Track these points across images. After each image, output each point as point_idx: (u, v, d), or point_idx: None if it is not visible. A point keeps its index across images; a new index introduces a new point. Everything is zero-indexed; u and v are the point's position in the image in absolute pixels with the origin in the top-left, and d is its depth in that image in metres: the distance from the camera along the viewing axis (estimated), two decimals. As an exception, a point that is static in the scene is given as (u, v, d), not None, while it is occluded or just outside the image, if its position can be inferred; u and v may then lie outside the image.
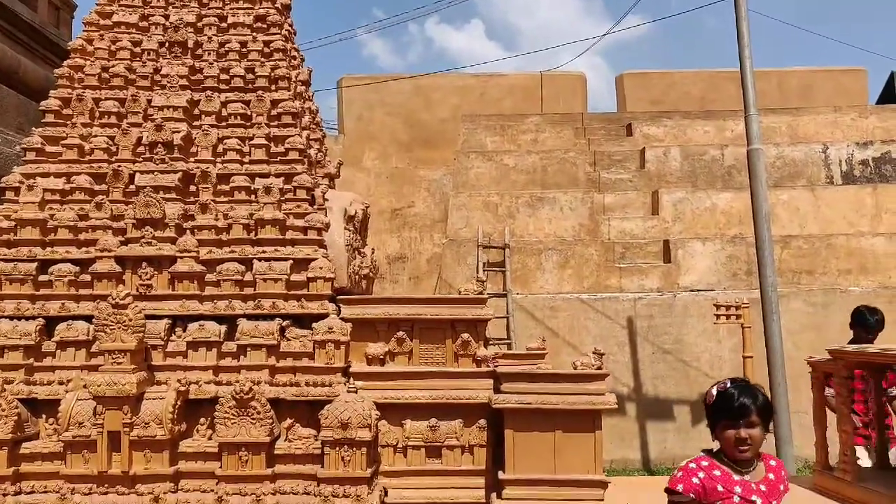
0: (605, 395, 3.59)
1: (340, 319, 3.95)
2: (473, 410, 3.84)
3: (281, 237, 4.08)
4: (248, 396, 3.63)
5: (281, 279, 3.98)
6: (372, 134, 13.00)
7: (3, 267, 3.99)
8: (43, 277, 4.01)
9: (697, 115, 11.40)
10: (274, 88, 4.54)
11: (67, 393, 3.73)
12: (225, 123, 4.46)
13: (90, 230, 4.09)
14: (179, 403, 3.70)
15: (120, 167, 4.22)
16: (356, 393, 3.70)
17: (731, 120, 10.85)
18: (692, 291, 8.83)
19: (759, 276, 7.41)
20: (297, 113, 4.48)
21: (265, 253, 4.04)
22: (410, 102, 13.03)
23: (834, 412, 5.43)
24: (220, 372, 3.89)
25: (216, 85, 4.54)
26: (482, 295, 4.05)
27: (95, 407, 3.60)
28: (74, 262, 4.04)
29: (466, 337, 3.95)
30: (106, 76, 4.51)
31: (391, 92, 13.06)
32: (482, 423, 3.84)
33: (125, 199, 4.18)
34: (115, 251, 4.01)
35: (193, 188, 4.26)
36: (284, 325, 3.96)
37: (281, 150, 4.36)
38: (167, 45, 4.60)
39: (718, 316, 6.21)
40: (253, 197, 4.21)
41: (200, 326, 3.93)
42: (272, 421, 3.69)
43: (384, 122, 13.03)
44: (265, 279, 3.98)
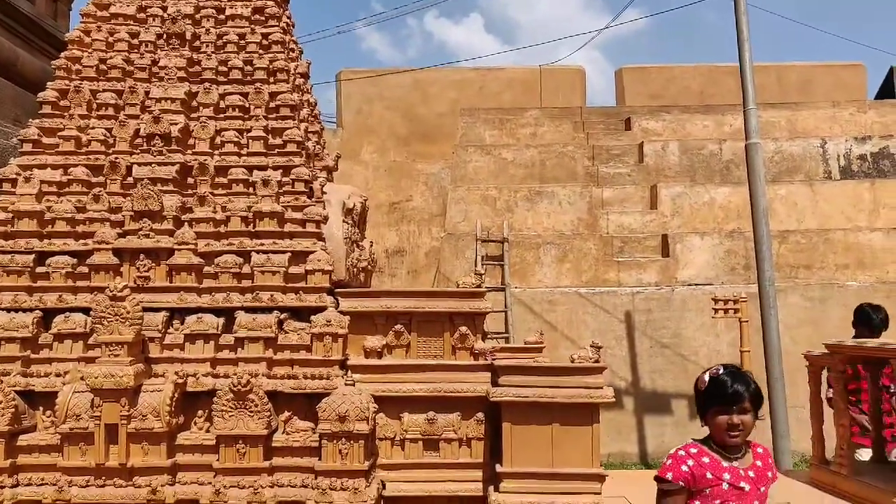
0: (602, 388, 3.59)
1: (338, 312, 3.95)
2: (471, 403, 3.84)
3: (279, 230, 4.07)
4: (245, 389, 3.63)
5: (279, 272, 3.97)
6: (370, 127, 12.98)
7: (0, 259, 3.98)
8: (40, 269, 4.00)
9: (696, 109, 11.39)
10: (272, 81, 4.53)
11: (65, 385, 3.72)
12: (223, 116, 4.44)
13: (88, 222, 4.08)
14: (177, 396, 3.70)
15: (117, 159, 4.21)
16: (354, 386, 3.70)
17: (729, 114, 10.84)
18: (690, 286, 8.84)
19: (756, 270, 7.42)
20: (295, 105, 4.46)
21: (263, 245, 4.04)
22: (409, 96, 13.01)
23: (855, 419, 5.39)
24: (217, 364, 3.88)
25: (214, 77, 4.52)
26: (480, 288, 4.04)
27: (93, 399, 3.59)
28: (72, 254, 4.03)
29: (464, 330, 3.95)
30: (103, 68, 4.49)
31: (390, 86, 13.04)
32: (480, 416, 3.84)
33: (123, 191, 4.16)
34: (112, 243, 4.00)
35: (191, 180, 4.25)
36: (282, 317, 3.96)
37: (279, 142, 4.34)
38: (165, 36, 4.59)
39: (716, 310, 6.22)
40: (251, 189, 4.20)
41: (198, 319, 3.93)
42: (270, 414, 3.69)
43: (383, 115, 13.01)
44: (263, 272, 3.97)
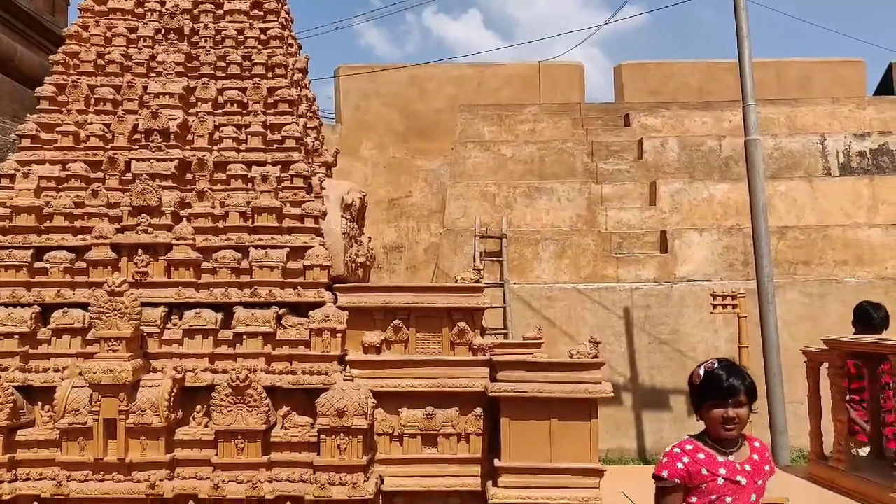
0: (601, 383, 3.59)
1: (337, 308, 3.95)
2: (470, 399, 3.85)
3: (278, 225, 4.07)
4: (244, 384, 3.63)
5: (277, 267, 3.97)
6: (369, 124, 12.97)
7: (-2, 254, 3.98)
8: (38, 264, 4.00)
9: (695, 105, 11.39)
10: (271, 76, 4.52)
11: (63, 380, 3.72)
12: (221, 111, 4.43)
13: (86, 217, 4.07)
14: (175, 391, 3.70)
15: (116, 154, 4.20)
16: (352, 381, 3.70)
17: (729, 111, 10.84)
18: (689, 282, 8.84)
19: (755, 266, 7.43)
20: (293, 101, 4.46)
21: (262, 241, 4.03)
22: (408, 92, 13.00)
23: (853, 419, 5.38)
24: (216, 360, 3.88)
25: (213, 72, 4.51)
26: (479, 284, 4.05)
27: (91, 394, 3.59)
28: (70, 249, 4.02)
29: (463, 325, 3.95)
30: (101, 63, 4.48)
31: (388, 82, 13.03)
32: (478, 411, 3.84)
33: (121, 186, 4.16)
34: (110, 238, 3.99)
35: (190, 176, 4.25)
36: (281, 313, 3.95)
37: (277, 138, 4.34)
38: (163, 31, 4.57)
39: (715, 306, 6.22)
40: (249, 185, 4.20)
41: (197, 314, 3.92)
42: (268, 409, 3.69)
43: (381, 111, 12.99)
44: (261, 267, 3.97)
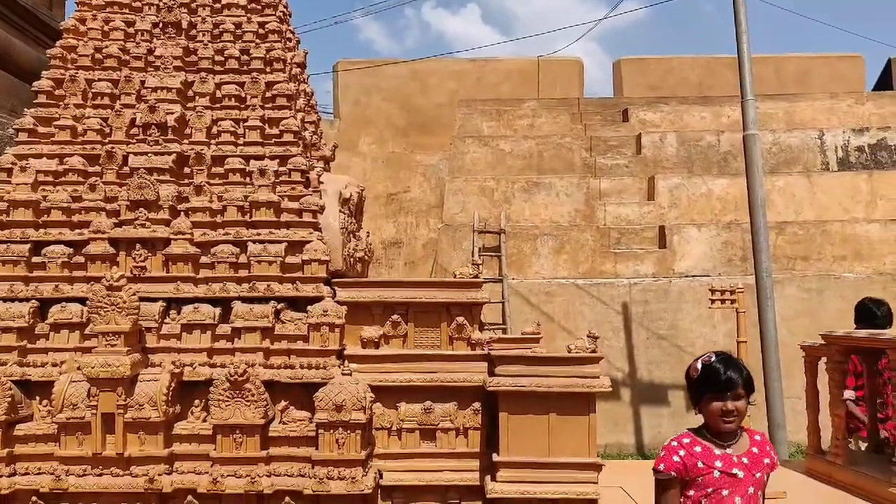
0: (599, 378, 3.59)
1: (335, 302, 3.94)
2: (468, 393, 3.85)
3: (276, 219, 4.06)
4: (242, 378, 3.63)
5: (275, 261, 3.97)
6: (368, 118, 12.94)
7: (-5, 248, 3.97)
8: (36, 259, 3.99)
9: (694, 100, 11.38)
10: (269, 70, 4.51)
11: (61, 375, 3.72)
12: (219, 105, 4.42)
13: (83, 212, 4.06)
14: (174, 385, 3.70)
15: (113, 149, 4.19)
16: (351, 375, 3.70)
17: (727, 106, 10.83)
18: (687, 277, 8.85)
19: (754, 261, 7.44)
20: (291, 95, 4.45)
21: (260, 235, 4.03)
22: (406, 87, 12.97)
23: (855, 416, 5.38)
24: (214, 354, 3.88)
25: (210, 66, 4.49)
26: (477, 278, 4.04)
27: (89, 389, 3.59)
28: (68, 243, 4.02)
29: (461, 320, 3.95)
30: (99, 57, 4.46)
31: (387, 76, 13.00)
32: (477, 405, 3.84)
33: (119, 180, 4.15)
34: (108, 233, 3.99)
35: (187, 170, 4.24)
36: (279, 307, 3.95)
37: (275, 132, 4.33)
38: (161, 25, 4.56)
39: (713, 300, 6.22)
40: (247, 179, 4.19)
41: (195, 309, 3.92)
42: (267, 403, 3.69)
43: (380, 106, 12.97)
44: (260, 261, 3.97)
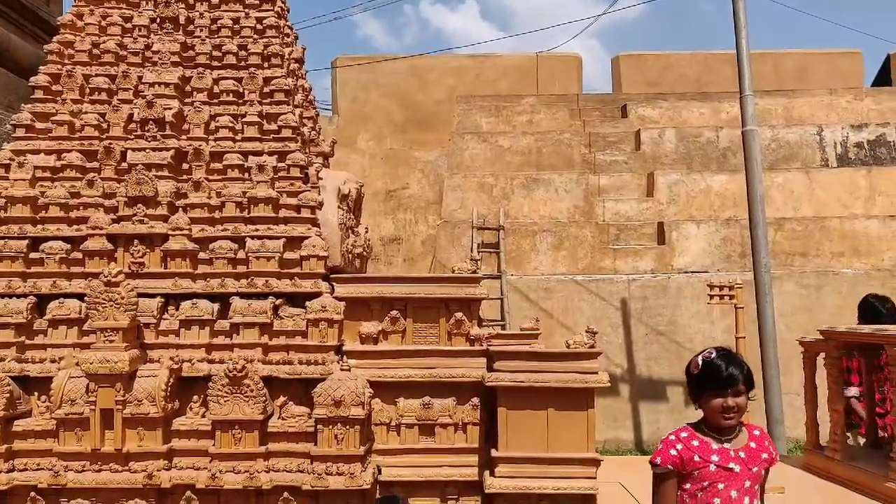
0: (597, 373, 3.60)
1: (334, 298, 3.94)
2: (467, 388, 3.85)
3: (274, 215, 4.06)
4: (241, 374, 3.63)
5: (274, 257, 3.97)
6: (366, 115, 12.92)
7: (-7, 244, 3.96)
8: (34, 255, 3.99)
9: (693, 96, 11.36)
10: (267, 66, 4.50)
11: (60, 371, 3.72)
12: (217, 101, 4.41)
13: (81, 207, 4.06)
14: (172, 381, 3.69)
15: (111, 144, 4.18)
16: (349, 371, 3.70)
17: (726, 102, 10.82)
18: (686, 273, 8.85)
19: (752, 257, 7.44)
20: (289, 90, 4.44)
21: (258, 231, 4.02)
22: (405, 83, 12.94)
23: (856, 412, 5.37)
24: (213, 350, 3.88)
25: (208, 62, 4.48)
26: (476, 274, 4.04)
27: (88, 384, 3.59)
28: (66, 239, 4.01)
29: (460, 316, 3.95)
30: (96, 52, 4.45)
31: (386, 72, 12.97)
32: (475, 401, 3.84)
33: (117, 176, 4.14)
34: (106, 229, 3.98)
35: (186, 166, 4.23)
36: (278, 303, 3.95)
37: (274, 127, 4.32)
38: (158, 20, 4.55)
39: (712, 296, 6.22)
40: (246, 175, 4.19)
41: (193, 304, 3.92)
42: (265, 399, 3.69)
43: (379, 102, 12.94)
44: (258, 257, 3.96)
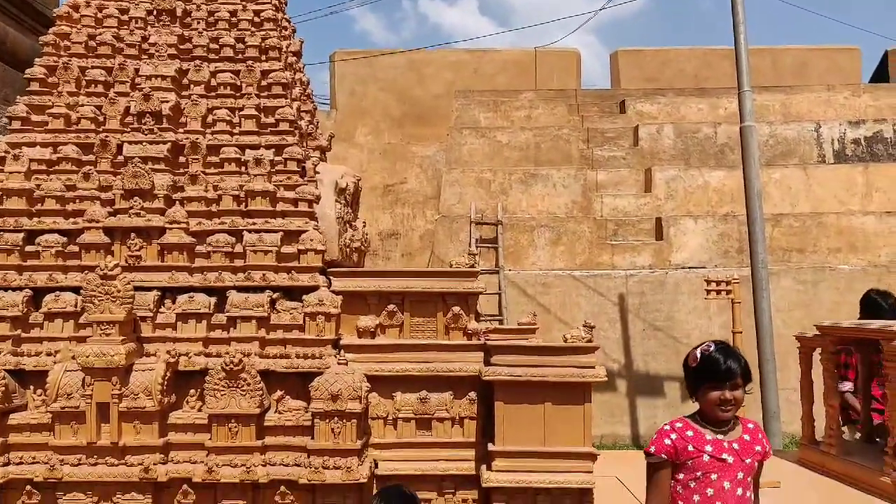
0: (594, 367, 3.60)
1: (331, 292, 3.93)
2: (464, 383, 3.85)
3: (271, 209, 4.04)
4: (237, 368, 3.62)
5: (271, 251, 3.96)
6: (364, 109, 12.90)
7: (-11, 237, 3.94)
8: (30, 248, 3.97)
9: (691, 92, 11.35)
10: (264, 59, 4.48)
11: (56, 364, 3.71)
12: (214, 94, 4.39)
13: (78, 200, 4.04)
14: (169, 375, 3.69)
15: (108, 137, 4.16)
16: (346, 365, 3.70)
17: (724, 97, 10.82)
18: (684, 269, 8.85)
19: (750, 253, 7.45)
20: (287, 84, 4.42)
21: (255, 225, 4.01)
22: (404, 78, 12.92)
23: (853, 406, 5.38)
24: (209, 344, 3.87)
25: (205, 54, 4.46)
26: (473, 268, 4.04)
27: (84, 378, 3.58)
28: (62, 232, 3.99)
29: (457, 310, 3.95)
30: (93, 44, 4.43)
31: (384, 67, 12.95)
32: (472, 395, 3.84)
33: (113, 169, 4.12)
34: (103, 222, 3.96)
35: (183, 159, 4.21)
36: (275, 297, 3.94)
37: (271, 121, 4.30)
38: (155, 13, 4.52)
39: (709, 291, 6.23)
40: (243, 168, 4.17)
41: (190, 298, 3.91)
42: (262, 393, 3.69)
43: (377, 97, 12.92)
44: (255, 251, 3.95)
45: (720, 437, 2.60)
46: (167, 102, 4.23)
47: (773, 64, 12.62)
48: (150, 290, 3.91)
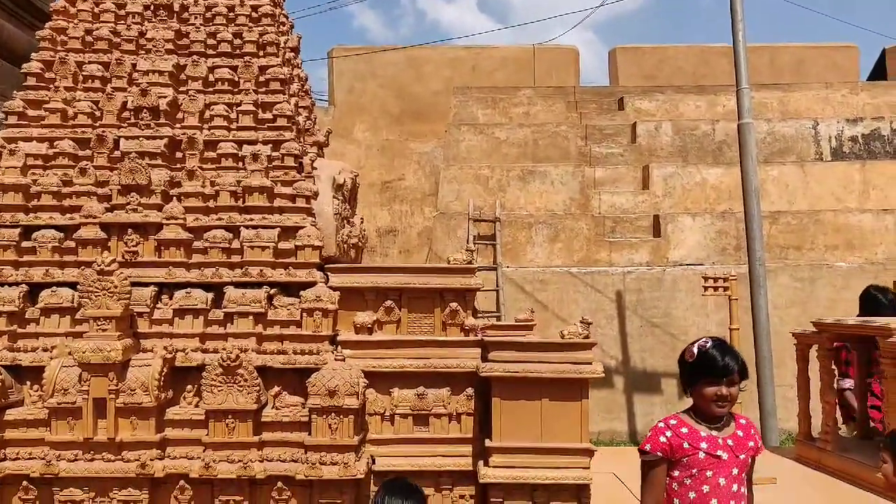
0: (592, 363, 3.60)
1: (328, 288, 3.93)
2: (461, 379, 3.85)
3: (269, 205, 4.04)
4: (234, 364, 3.61)
5: (268, 247, 3.95)
6: (363, 106, 12.88)
7: (-15, 232, 3.93)
8: (26, 243, 3.96)
9: (689, 89, 11.36)
10: (262, 54, 4.47)
11: (52, 360, 3.69)
12: (212, 89, 4.38)
13: (74, 196, 4.03)
14: (166, 371, 3.68)
15: (104, 132, 4.15)
16: (344, 361, 3.70)
17: (722, 95, 10.82)
18: (681, 266, 8.86)
19: (747, 250, 7.45)
20: (285, 79, 4.41)
21: (253, 220, 4.00)
22: (402, 74, 12.91)
23: (852, 404, 5.38)
24: (206, 339, 3.87)
25: (203, 50, 4.45)
26: (471, 264, 4.04)
27: (80, 374, 3.56)
28: (58, 228, 3.98)
29: (455, 306, 3.94)
30: (90, 39, 4.41)
31: (382, 64, 12.93)
32: (470, 391, 3.84)
33: (110, 164, 4.11)
34: (99, 217, 3.95)
35: (180, 154, 4.20)
36: (272, 293, 3.94)
37: (269, 116, 4.29)
38: (152, 8, 4.51)
39: (706, 288, 6.23)
40: (240, 164, 4.16)
41: (187, 294, 3.90)
42: (259, 388, 3.68)
43: (375, 93, 12.91)
44: (252, 247, 3.95)
45: (714, 433, 2.61)
46: (164, 98, 4.22)
47: (771, 62, 12.63)
48: (146, 285, 3.90)
